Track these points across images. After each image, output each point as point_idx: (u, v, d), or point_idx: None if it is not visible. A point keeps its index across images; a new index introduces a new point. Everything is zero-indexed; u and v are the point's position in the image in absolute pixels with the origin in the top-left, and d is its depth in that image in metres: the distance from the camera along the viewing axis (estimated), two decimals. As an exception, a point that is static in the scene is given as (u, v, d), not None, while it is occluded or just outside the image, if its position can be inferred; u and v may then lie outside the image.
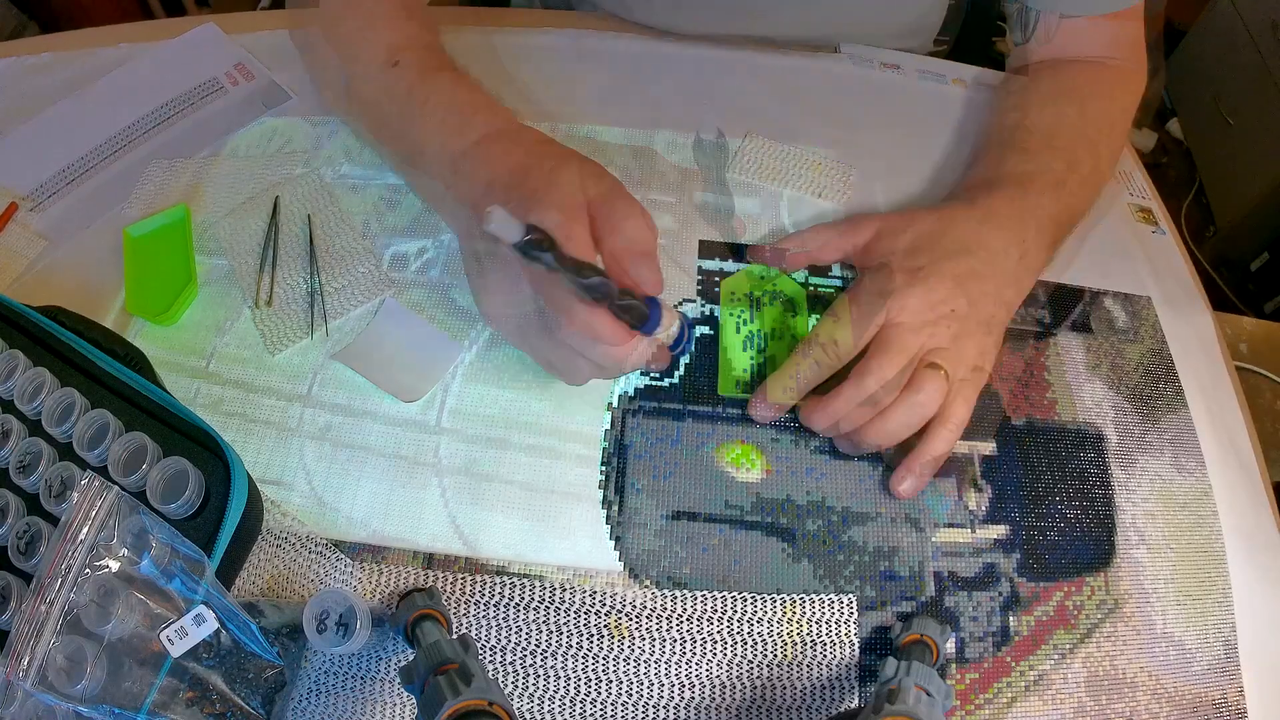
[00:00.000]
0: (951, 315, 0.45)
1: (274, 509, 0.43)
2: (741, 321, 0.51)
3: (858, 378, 0.43)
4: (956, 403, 0.44)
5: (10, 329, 0.44)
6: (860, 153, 0.59)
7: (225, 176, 0.55)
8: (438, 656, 0.32)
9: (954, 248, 0.47)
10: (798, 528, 0.45)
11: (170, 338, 0.48)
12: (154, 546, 0.36)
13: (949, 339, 0.44)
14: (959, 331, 0.45)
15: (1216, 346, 0.54)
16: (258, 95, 0.60)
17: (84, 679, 0.34)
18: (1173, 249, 0.59)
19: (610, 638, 0.41)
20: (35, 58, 0.61)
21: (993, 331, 0.47)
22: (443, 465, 0.45)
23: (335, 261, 0.51)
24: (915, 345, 0.44)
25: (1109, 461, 0.49)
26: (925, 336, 0.44)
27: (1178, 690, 0.43)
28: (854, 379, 0.44)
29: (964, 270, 0.46)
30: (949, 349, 0.44)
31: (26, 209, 0.54)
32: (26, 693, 0.35)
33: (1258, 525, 0.48)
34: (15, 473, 0.40)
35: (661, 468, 0.46)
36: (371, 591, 0.41)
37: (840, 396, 0.44)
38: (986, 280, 0.46)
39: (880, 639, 0.42)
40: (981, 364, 0.46)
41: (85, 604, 0.35)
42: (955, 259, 0.46)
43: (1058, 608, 0.44)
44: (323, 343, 0.48)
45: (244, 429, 0.45)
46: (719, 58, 0.64)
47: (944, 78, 0.66)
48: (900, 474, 0.45)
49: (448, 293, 0.51)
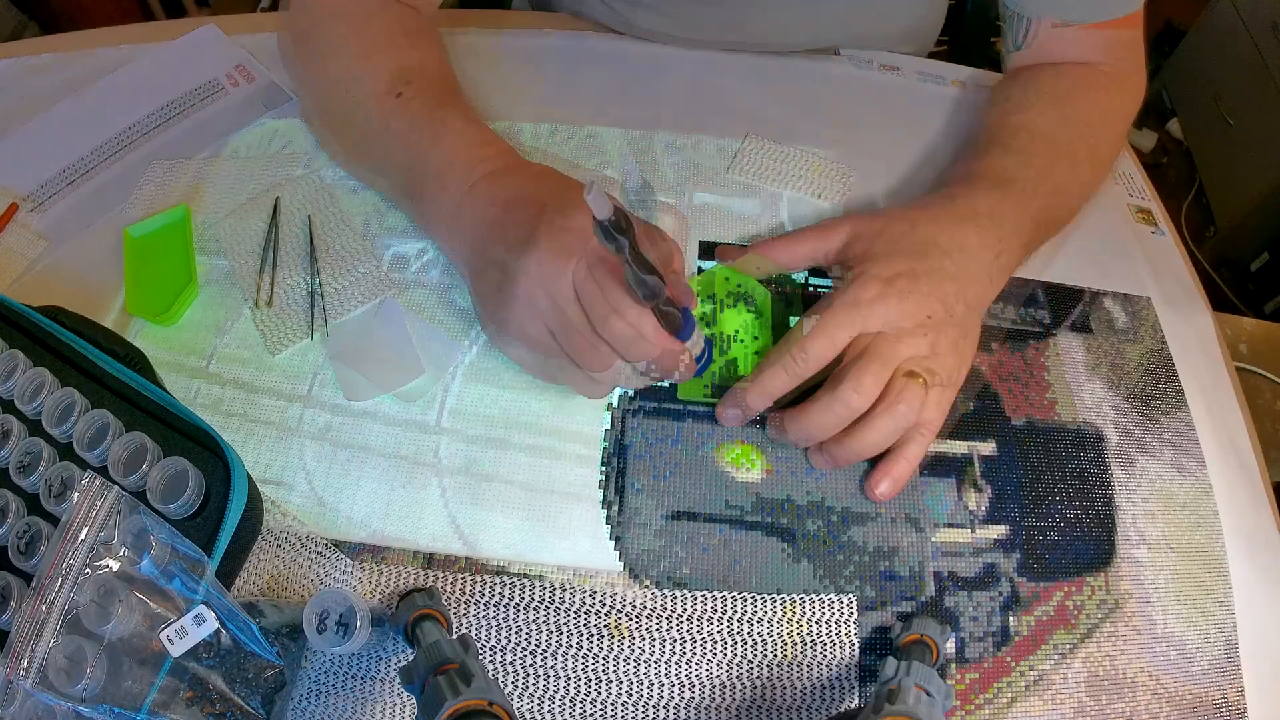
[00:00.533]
0: (929, 322, 0.44)
1: (274, 509, 0.43)
2: (705, 323, 0.50)
3: (834, 388, 0.43)
4: (930, 408, 0.44)
5: (10, 329, 0.44)
6: (860, 154, 0.59)
7: (225, 177, 0.55)
8: (438, 656, 0.32)
9: (929, 250, 0.46)
10: (798, 528, 0.45)
11: (170, 338, 0.48)
12: (154, 546, 0.36)
13: (927, 347, 0.44)
14: (936, 338, 0.44)
15: (1216, 346, 0.54)
16: (258, 96, 0.60)
17: (84, 679, 0.34)
18: (1172, 249, 0.59)
19: (610, 638, 0.41)
20: (35, 58, 0.61)
21: (968, 334, 0.46)
22: (443, 465, 0.45)
23: (335, 262, 0.51)
24: (893, 354, 0.43)
25: (1109, 461, 0.49)
26: (903, 345, 0.43)
27: (1178, 690, 0.43)
28: (830, 389, 0.43)
29: (940, 274, 0.45)
30: (926, 356, 0.44)
31: (27, 209, 0.54)
32: (26, 693, 0.35)
33: (1258, 525, 0.48)
34: (15, 473, 0.40)
35: (661, 468, 0.46)
36: (371, 591, 0.41)
37: (816, 408, 0.43)
38: (962, 282, 0.46)
39: (880, 639, 0.42)
40: (958, 368, 0.45)
41: (85, 604, 0.35)
42: (930, 262, 0.46)
43: (1058, 608, 0.44)
44: (323, 343, 0.48)
45: (244, 429, 0.45)
46: (719, 59, 0.64)
47: (943, 79, 0.66)
48: (877, 477, 0.45)
49: (448, 293, 0.51)
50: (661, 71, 0.63)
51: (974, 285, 0.47)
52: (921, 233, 0.47)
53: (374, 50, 0.51)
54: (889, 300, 0.44)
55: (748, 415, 0.46)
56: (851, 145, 0.60)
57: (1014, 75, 0.60)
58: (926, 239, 0.47)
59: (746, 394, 0.45)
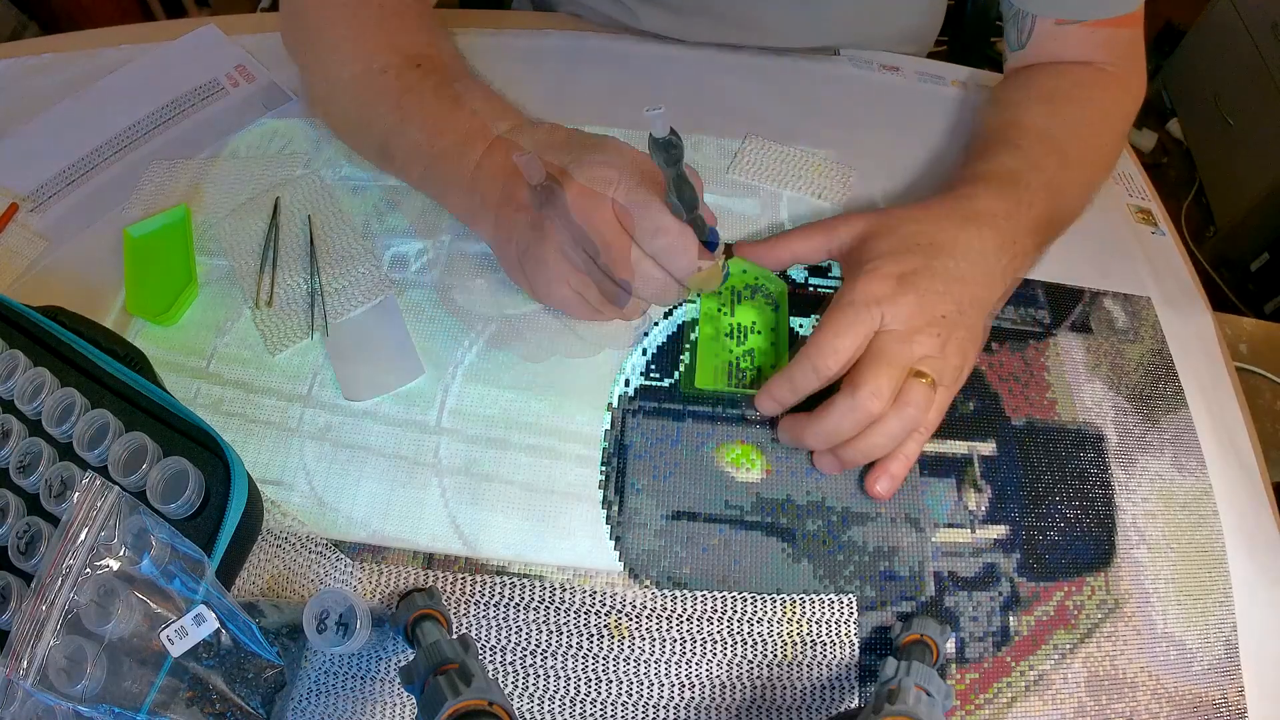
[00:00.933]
0: (941, 322, 0.44)
1: (274, 509, 0.43)
2: (724, 314, 0.51)
3: (853, 393, 0.42)
4: (933, 409, 0.44)
5: (10, 329, 0.44)
6: (860, 154, 0.59)
7: (225, 177, 0.55)
8: (438, 656, 0.32)
9: (942, 250, 0.46)
10: (798, 528, 0.45)
11: (170, 338, 0.48)
12: (154, 546, 0.36)
13: (938, 347, 0.43)
14: (946, 339, 0.44)
15: (1216, 347, 0.54)
16: (258, 96, 0.60)
17: (84, 679, 0.34)
18: (1172, 249, 0.59)
19: (610, 638, 0.41)
20: (35, 58, 0.61)
21: (974, 337, 0.46)
22: (443, 465, 0.45)
23: (335, 262, 0.51)
24: (907, 355, 0.43)
25: (1109, 461, 0.49)
26: (916, 345, 0.43)
27: (1178, 690, 0.43)
28: (849, 394, 0.42)
29: (952, 275, 0.45)
30: (936, 357, 0.43)
31: (27, 209, 0.54)
32: (26, 693, 0.35)
33: (1258, 525, 0.48)
34: (15, 473, 0.40)
35: (661, 468, 0.46)
36: (371, 591, 0.41)
37: (836, 413, 0.42)
38: (974, 284, 0.46)
39: (880, 639, 0.42)
40: (961, 369, 0.45)
41: (85, 604, 0.35)
42: (944, 262, 0.45)
43: (1058, 608, 0.44)
44: (322, 342, 0.48)
45: (244, 429, 0.45)
46: (719, 59, 0.64)
47: (943, 79, 0.66)
48: (875, 474, 0.45)
49: (448, 293, 0.51)
50: (661, 71, 0.63)
51: (985, 287, 0.46)
52: (933, 233, 0.47)
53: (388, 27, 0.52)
54: (907, 298, 0.44)
55: (783, 407, 0.46)
56: (851, 145, 0.60)
57: (1015, 74, 0.60)
58: (941, 239, 0.46)
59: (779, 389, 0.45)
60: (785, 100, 0.62)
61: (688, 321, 0.51)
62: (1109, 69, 0.57)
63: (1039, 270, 0.55)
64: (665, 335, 0.50)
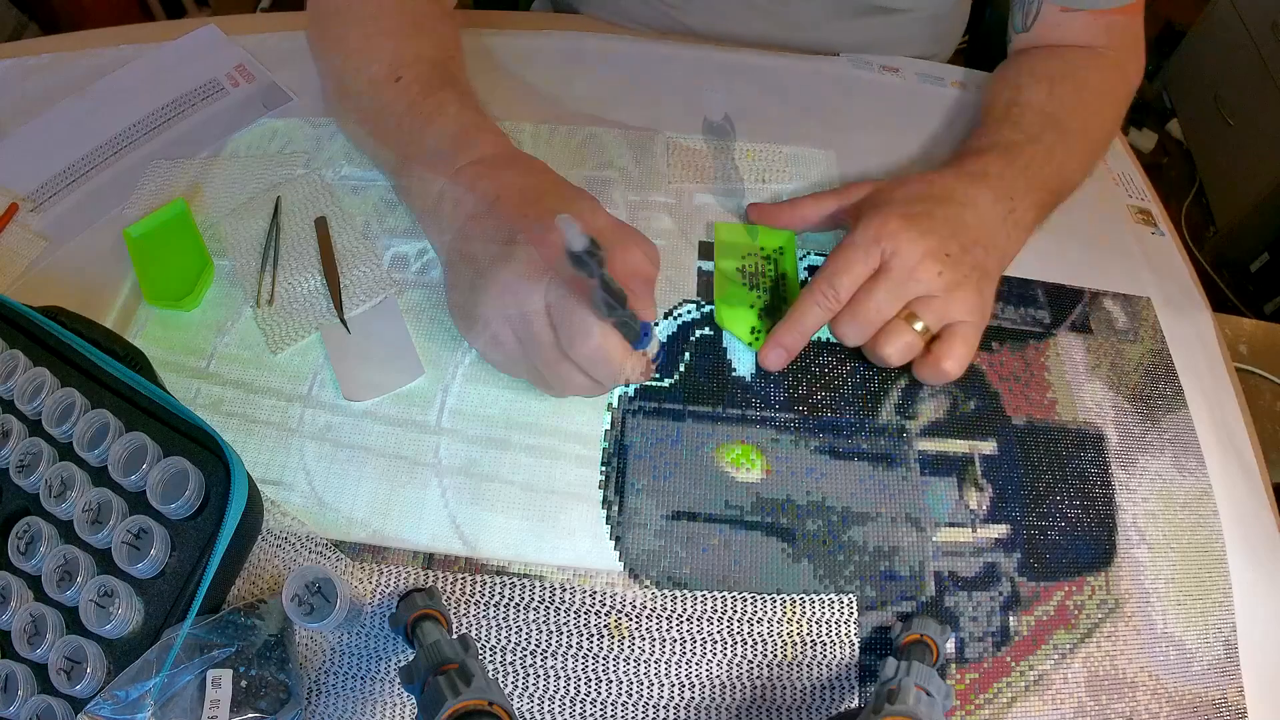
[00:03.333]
0: (945, 259, 0.46)
1: (274, 509, 0.43)
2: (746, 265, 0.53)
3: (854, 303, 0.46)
4: (955, 342, 0.46)
5: (10, 329, 0.44)
6: (860, 154, 0.59)
7: (226, 177, 0.55)
8: (438, 656, 0.32)
9: (945, 200, 0.48)
10: (798, 528, 0.45)
11: (170, 338, 0.48)
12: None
13: (942, 287, 0.45)
14: (953, 279, 0.46)
15: (1216, 347, 0.55)
16: (258, 96, 0.60)
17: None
18: (1172, 250, 0.59)
19: (610, 638, 0.41)
20: (36, 58, 0.61)
21: (986, 280, 0.48)
22: (443, 465, 0.45)
23: (336, 262, 0.51)
24: (908, 279, 0.45)
25: (1109, 461, 0.49)
26: (919, 273, 0.45)
27: (1178, 690, 0.43)
28: (851, 303, 0.46)
29: (955, 220, 0.47)
30: (939, 298, 0.46)
31: (27, 209, 0.54)
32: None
33: (1258, 525, 0.48)
34: (15, 473, 0.40)
35: (661, 468, 0.46)
36: (371, 591, 0.41)
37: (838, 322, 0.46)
38: (977, 230, 0.48)
39: (880, 639, 0.42)
40: (981, 308, 0.47)
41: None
42: (946, 209, 0.48)
43: (1058, 607, 0.44)
44: (323, 343, 0.48)
45: (244, 429, 0.45)
46: (719, 59, 0.64)
47: (943, 80, 0.66)
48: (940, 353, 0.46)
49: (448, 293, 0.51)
50: (662, 71, 0.63)
51: (990, 235, 0.48)
52: (939, 186, 0.49)
53: (381, 34, 0.52)
54: (908, 233, 0.46)
55: (791, 354, 0.48)
56: (852, 145, 0.60)
57: (1017, 55, 0.63)
58: (943, 191, 0.49)
59: (784, 334, 0.47)
60: (785, 100, 0.62)
61: (688, 321, 0.51)
62: (1109, 53, 0.60)
63: (1039, 270, 0.55)
64: (665, 335, 0.50)
